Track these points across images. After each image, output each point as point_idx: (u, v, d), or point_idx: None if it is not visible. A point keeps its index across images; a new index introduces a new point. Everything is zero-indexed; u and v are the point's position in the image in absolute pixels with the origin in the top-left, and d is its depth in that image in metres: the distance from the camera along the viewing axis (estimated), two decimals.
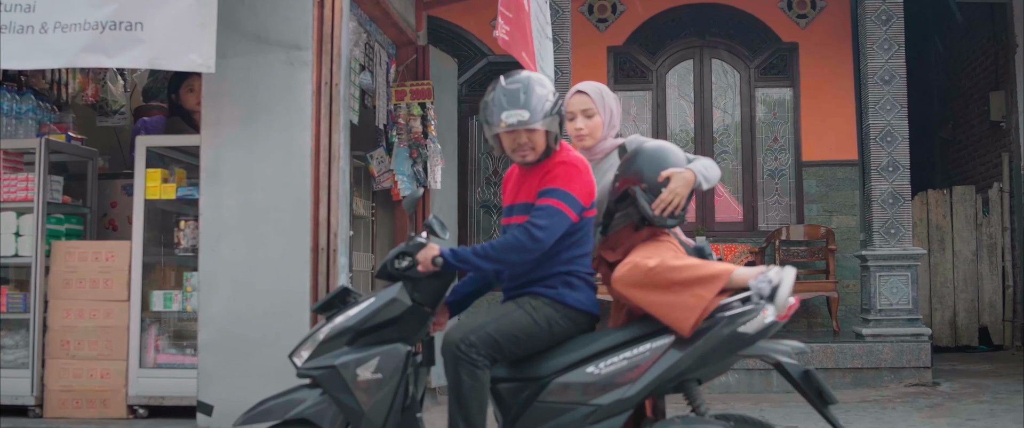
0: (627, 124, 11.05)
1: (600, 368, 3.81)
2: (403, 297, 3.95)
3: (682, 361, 3.76)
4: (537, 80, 4.05)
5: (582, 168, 3.99)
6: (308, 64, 5.70)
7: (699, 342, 3.75)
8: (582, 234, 4.01)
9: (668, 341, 3.78)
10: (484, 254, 3.86)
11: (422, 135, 7.79)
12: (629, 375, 3.78)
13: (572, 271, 3.98)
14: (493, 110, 3.99)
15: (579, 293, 3.98)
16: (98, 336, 6.25)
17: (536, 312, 3.89)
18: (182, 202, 6.37)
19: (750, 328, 3.74)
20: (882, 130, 8.62)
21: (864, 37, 8.78)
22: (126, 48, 5.05)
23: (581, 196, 3.93)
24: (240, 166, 5.76)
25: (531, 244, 3.81)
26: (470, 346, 3.79)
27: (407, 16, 7.86)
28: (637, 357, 3.79)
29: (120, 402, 6.22)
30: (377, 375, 3.86)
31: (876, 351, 8.35)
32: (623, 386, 3.77)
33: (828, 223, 10.58)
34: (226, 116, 5.81)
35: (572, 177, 3.93)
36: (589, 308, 4.00)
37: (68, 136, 6.96)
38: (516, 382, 3.91)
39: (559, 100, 4.07)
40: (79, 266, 6.32)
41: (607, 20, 11.08)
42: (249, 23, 5.79)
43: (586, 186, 3.97)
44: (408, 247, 3.99)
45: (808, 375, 3.83)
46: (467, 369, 3.78)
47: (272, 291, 5.64)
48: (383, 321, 3.92)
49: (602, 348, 3.88)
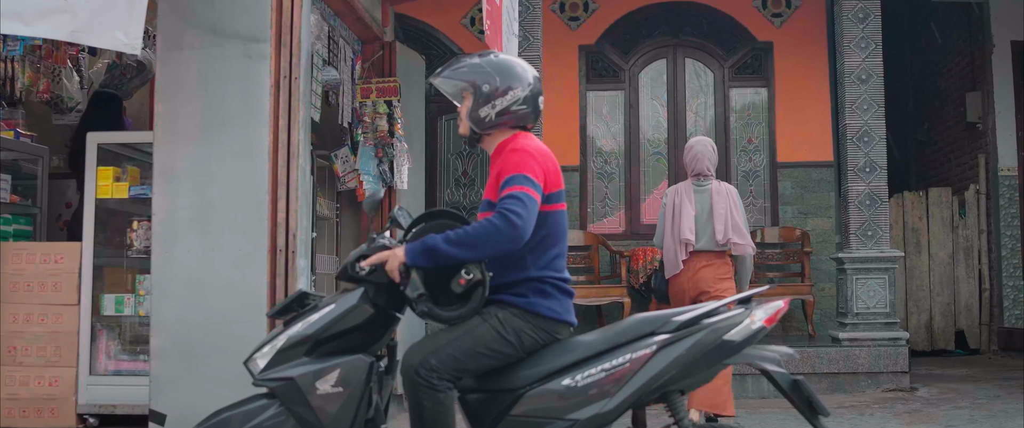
0: (600, 124, 10.89)
1: (577, 380, 3.56)
2: (365, 303, 3.72)
3: (665, 371, 3.54)
4: (483, 58, 3.88)
5: (535, 153, 3.74)
6: (266, 57, 5.45)
7: (683, 351, 3.54)
8: (552, 232, 3.75)
9: (650, 350, 3.56)
10: (459, 241, 3.53)
11: (388, 134, 7.59)
12: (608, 387, 3.53)
13: (544, 276, 3.72)
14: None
15: (552, 301, 3.71)
16: (46, 342, 6.00)
17: (504, 325, 3.63)
18: (136, 201, 6.14)
19: (737, 335, 3.55)
20: (859, 130, 8.48)
21: (841, 35, 8.64)
22: (46, 16, 4.67)
23: (540, 179, 3.68)
24: (194, 164, 5.51)
25: (509, 230, 3.51)
26: (430, 370, 3.54)
27: (373, 11, 7.65)
28: (616, 367, 3.55)
29: (70, 411, 5.98)
30: (338, 388, 3.63)
31: (853, 356, 8.20)
32: (602, 399, 3.53)
33: (803, 225, 10.45)
34: (180, 111, 5.55)
35: (524, 161, 3.68)
36: (563, 318, 3.74)
37: (17, 133, 6.70)
38: (486, 394, 3.66)
39: (499, 81, 3.81)
40: (27, 268, 6.07)
41: (579, 18, 10.90)
42: (204, 14, 5.54)
43: (543, 172, 3.71)
44: (369, 249, 3.77)
45: (797, 384, 3.61)
46: (428, 394, 3.54)
47: (228, 294, 5.39)
48: (344, 329, 3.69)
49: (579, 358, 3.62)
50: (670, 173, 10.81)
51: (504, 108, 3.80)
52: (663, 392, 3.61)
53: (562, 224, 3.83)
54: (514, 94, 3.81)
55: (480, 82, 3.80)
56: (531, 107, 3.87)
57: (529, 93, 3.86)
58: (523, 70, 3.89)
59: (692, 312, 3.66)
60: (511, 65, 3.89)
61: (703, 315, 3.62)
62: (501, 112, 3.81)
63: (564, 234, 3.84)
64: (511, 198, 3.57)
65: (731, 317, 3.58)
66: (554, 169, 3.79)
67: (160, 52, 5.61)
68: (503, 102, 3.80)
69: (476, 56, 3.90)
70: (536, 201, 3.61)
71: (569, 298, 3.81)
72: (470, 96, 3.83)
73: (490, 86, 3.79)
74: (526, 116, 3.87)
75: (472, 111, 3.82)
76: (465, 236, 3.54)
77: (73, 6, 4.64)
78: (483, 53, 3.94)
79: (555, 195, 3.78)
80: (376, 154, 7.58)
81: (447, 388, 3.56)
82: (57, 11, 4.65)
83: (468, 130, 3.89)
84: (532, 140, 3.84)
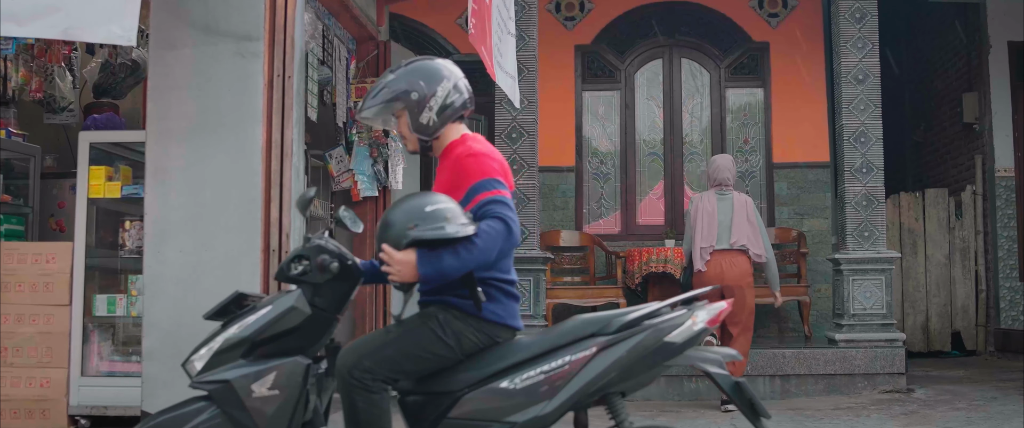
0: (595, 125, 10.85)
1: (515, 382, 3.50)
2: (301, 305, 3.68)
3: (604, 374, 3.49)
4: (397, 73, 3.82)
5: (488, 154, 3.69)
6: (259, 56, 5.43)
7: (623, 353, 3.48)
8: None
9: (589, 352, 3.50)
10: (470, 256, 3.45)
11: (383, 134, 7.55)
12: (546, 389, 3.48)
13: (488, 279, 3.65)
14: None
15: (496, 305, 3.65)
16: (38, 343, 5.94)
17: (444, 328, 3.57)
18: (128, 201, 6.09)
19: (678, 337, 3.51)
20: (856, 130, 8.45)
21: (838, 35, 8.61)
22: (39, 16, 4.63)
23: (507, 182, 3.67)
24: (187, 163, 5.48)
25: (510, 236, 3.49)
26: (365, 371, 3.49)
27: (368, 11, 7.62)
28: (555, 370, 3.50)
29: (61, 412, 5.92)
30: (274, 391, 3.60)
31: (849, 357, 8.16)
32: (540, 401, 3.47)
33: (799, 226, 10.41)
34: (173, 110, 5.53)
35: (486, 166, 3.63)
36: (506, 322, 3.67)
37: (8, 132, 6.65)
38: (425, 395, 3.60)
39: (424, 85, 3.75)
40: (18, 269, 6.01)
41: (575, 18, 10.86)
42: (197, 12, 5.51)
43: (500, 171, 3.67)
44: (304, 250, 3.73)
45: (739, 387, 3.55)
46: (362, 396, 3.48)
47: (220, 295, 5.25)
48: (281, 331, 3.65)
49: (518, 360, 3.56)
50: (666, 174, 10.77)
51: (441, 106, 3.77)
52: (604, 394, 3.57)
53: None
54: (443, 88, 3.78)
55: (407, 94, 3.75)
56: (464, 94, 3.86)
57: (455, 82, 3.83)
58: (441, 65, 3.87)
59: (634, 313, 3.61)
60: (426, 65, 3.85)
61: (645, 316, 3.57)
62: (440, 111, 3.77)
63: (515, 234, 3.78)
64: (498, 204, 3.53)
65: (673, 319, 3.54)
66: (504, 170, 3.75)
67: (152, 51, 5.58)
68: (437, 101, 3.76)
69: (389, 73, 3.84)
70: (512, 201, 3.61)
71: (515, 302, 3.76)
72: (404, 112, 3.78)
73: (419, 93, 3.75)
74: (463, 104, 3.86)
75: (413, 123, 3.78)
76: (475, 251, 3.46)
77: (66, 4, 4.60)
78: (392, 68, 3.88)
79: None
80: (371, 154, 7.55)
81: (382, 389, 3.51)
82: (51, 10, 4.61)
83: (417, 144, 3.84)
84: (482, 143, 3.79)
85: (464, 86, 3.88)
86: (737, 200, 7.81)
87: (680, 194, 10.65)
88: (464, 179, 3.62)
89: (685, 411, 7.59)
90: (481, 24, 5.83)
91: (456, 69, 3.90)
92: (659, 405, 7.86)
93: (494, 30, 6.17)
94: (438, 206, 3.49)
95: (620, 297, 9.44)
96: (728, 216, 7.71)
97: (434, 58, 3.94)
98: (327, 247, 3.75)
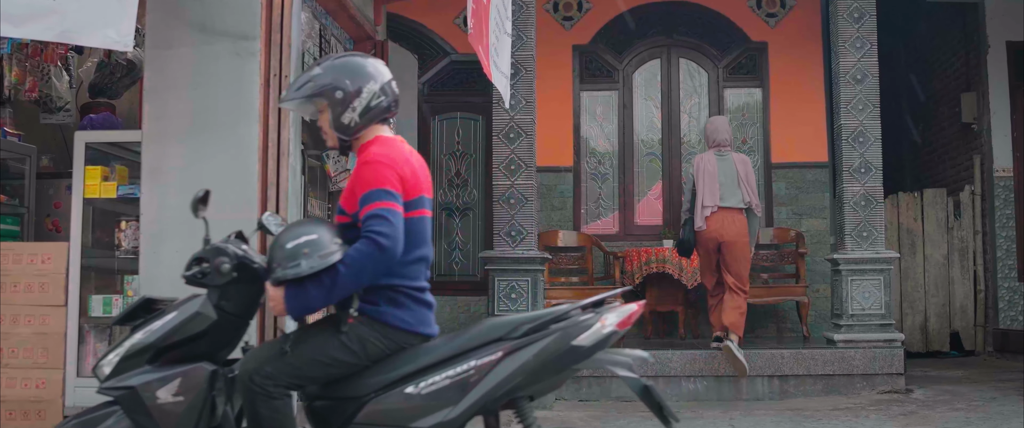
0: (593, 125, 10.83)
1: (420, 388, 3.48)
2: (206, 310, 3.66)
3: (510, 378, 3.46)
4: (325, 66, 3.78)
5: (391, 162, 3.62)
6: (256, 55, 5.40)
7: (529, 357, 3.46)
8: (409, 239, 3.62)
9: (495, 357, 3.48)
10: (336, 284, 3.44)
11: None
12: (451, 394, 3.46)
13: (398, 285, 3.61)
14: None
15: (404, 312, 3.61)
16: (33, 343, 5.89)
17: (349, 333, 3.53)
18: (124, 201, 6.05)
19: (586, 340, 3.49)
20: (854, 130, 8.43)
21: (836, 35, 8.59)
22: (35, 17, 4.61)
23: (398, 189, 3.58)
24: (183, 163, 5.45)
25: (379, 254, 3.43)
26: (266, 378, 3.46)
27: (365, 10, 7.59)
28: (460, 375, 3.48)
29: (57, 413, 5.87)
30: (179, 397, 3.57)
31: (848, 357, 8.13)
32: (445, 407, 3.45)
33: (797, 226, 10.39)
34: (169, 110, 5.50)
35: (378, 174, 3.57)
36: (414, 329, 3.63)
37: (3, 132, 6.62)
38: (332, 400, 3.57)
39: (350, 84, 3.72)
40: (13, 269, 5.96)
41: (573, 18, 10.84)
42: (194, 11, 5.48)
43: (400, 179, 3.61)
44: (203, 252, 3.72)
45: (647, 390, 3.53)
46: (264, 402, 3.46)
47: None
48: (187, 336, 3.63)
49: (424, 365, 3.54)
50: (664, 174, 10.75)
51: (364, 107, 3.73)
52: (511, 398, 3.54)
53: (423, 231, 3.73)
54: (369, 89, 3.74)
55: (332, 91, 3.71)
56: (389, 97, 3.81)
57: (382, 85, 3.79)
58: (371, 65, 3.83)
59: (542, 318, 3.58)
60: (356, 64, 3.81)
61: (553, 320, 3.55)
62: (363, 112, 3.73)
63: (424, 241, 3.74)
64: (373, 218, 3.48)
65: (580, 322, 3.51)
66: (412, 174, 3.69)
67: (149, 50, 5.56)
68: (361, 102, 3.72)
69: (317, 66, 3.80)
70: (398, 212, 3.53)
71: (426, 309, 3.71)
72: (327, 107, 3.74)
73: (343, 91, 3.71)
74: (387, 107, 3.81)
75: (334, 121, 3.75)
76: (341, 279, 3.44)
77: (63, 6, 4.58)
78: (321, 61, 3.84)
79: (416, 201, 3.69)
80: None
81: (284, 395, 3.48)
82: (48, 12, 4.59)
83: (337, 140, 3.80)
84: (390, 147, 3.72)
85: (391, 89, 3.82)
86: (736, 160, 8.37)
87: (678, 194, 10.62)
88: (358, 187, 3.58)
89: (684, 411, 7.55)
90: (479, 24, 5.82)
91: (385, 71, 3.85)
92: None
93: (492, 30, 6.15)
94: (298, 241, 3.49)
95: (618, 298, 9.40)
96: (728, 176, 8.26)
97: (366, 57, 3.89)
98: (225, 250, 3.71)
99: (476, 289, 10.31)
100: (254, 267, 3.73)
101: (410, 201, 3.64)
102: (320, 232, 3.53)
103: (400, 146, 3.77)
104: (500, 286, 8.12)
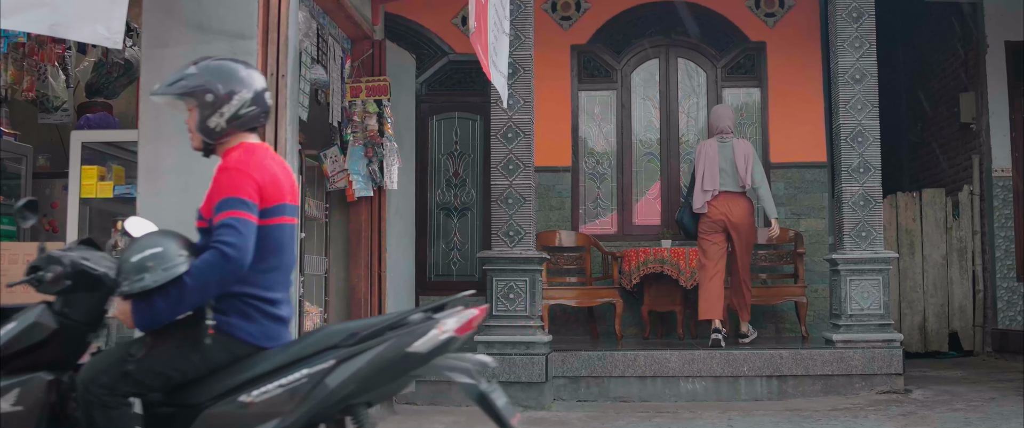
0: (592, 125, 10.82)
1: (254, 396, 3.44)
2: (45, 319, 3.59)
3: (344, 386, 3.44)
4: (200, 66, 3.74)
5: (249, 169, 3.59)
6: (253, 54, 5.36)
7: (363, 365, 3.44)
8: (265, 247, 3.59)
9: (328, 365, 3.45)
10: (182, 297, 3.41)
11: (378, 134, 7.51)
12: (285, 403, 3.43)
13: (251, 294, 3.57)
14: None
15: (253, 326, 3.57)
16: None
17: (191, 344, 3.49)
18: (120, 201, 6.03)
19: (422, 346, 3.46)
20: (853, 130, 8.41)
21: (834, 35, 8.57)
22: (23, 9, 4.52)
23: (254, 198, 3.54)
24: (180, 163, 5.40)
25: (225, 264, 3.40)
26: (101, 387, 3.42)
27: (363, 9, 7.57)
28: (294, 383, 3.45)
29: None
30: (17, 407, 3.50)
31: (847, 358, 8.12)
32: (278, 415, 3.42)
33: (796, 226, 10.37)
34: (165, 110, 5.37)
35: (235, 182, 3.53)
36: (259, 344, 3.58)
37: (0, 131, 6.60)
38: (172, 408, 3.53)
39: (222, 88, 3.67)
40: (10, 269, 5.93)
41: (571, 18, 10.82)
42: (190, 10, 5.45)
43: (258, 187, 3.56)
44: (38, 260, 3.64)
45: (483, 397, 3.48)
46: (100, 411, 3.42)
47: None
48: (27, 346, 3.56)
49: (261, 373, 3.50)
50: (662, 174, 10.74)
51: (233, 114, 3.69)
52: (348, 405, 3.52)
53: (281, 239, 3.68)
54: (240, 97, 3.70)
55: (202, 92, 3.67)
56: (260, 107, 3.77)
57: (255, 94, 3.74)
58: (245, 72, 3.78)
59: (378, 325, 3.56)
60: (232, 69, 3.76)
61: (389, 326, 3.53)
62: (231, 118, 3.69)
63: (282, 250, 3.69)
64: (223, 228, 3.45)
65: (416, 329, 3.49)
66: (272, 182, 3.63)
67: (145, 49, 5.53)
68: (230, 108, 3.68)
69: (192, 66, 3.75)
70: (250, 222, 3.49)
71: (277, 323, 3.66)
72: (195, 108, 3.70)
73: (214, 95, 3.66)
74: (256, 117, 3.77)
75: (200, 123, 3.70)
76: (188, 290, 3.41)
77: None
78: (198, 61, 3.79)
79: (275, 209, 3.63)
80: (366, 154, 7.50)
81: (121, 404, 3.44)
82: (37, 4, 4.51)
83: (201, 143, 3.77)
84: (252, 155, 3.68)
85: (263, 99, 3.78)
86: (737, 146, 8.77)
87: (677, 194, 10.61)
88: (215, 193, 3.55)
89: (682, 412, 7.55)
90: (479, 23, 5.80)
91: (259, 80, 3.81)
92: (656, 407, 7.83)
93: (490, 29, 6.13)
94: (144, 254, 3.47)
95: (616, 298, 9.41)
96: (729, 161, 8.67)
97: (241, 63, 3.84)
98: (60, 259, 3.63)
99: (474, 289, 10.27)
100: (95, 275, 3.66)
101: (268, 209, 3.59)
102: (166, 244, 3.51)
103: (262, 154, 3.72)
104: (498, 286, 8.11)
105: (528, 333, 7.98)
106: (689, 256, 9.42)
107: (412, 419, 7.29)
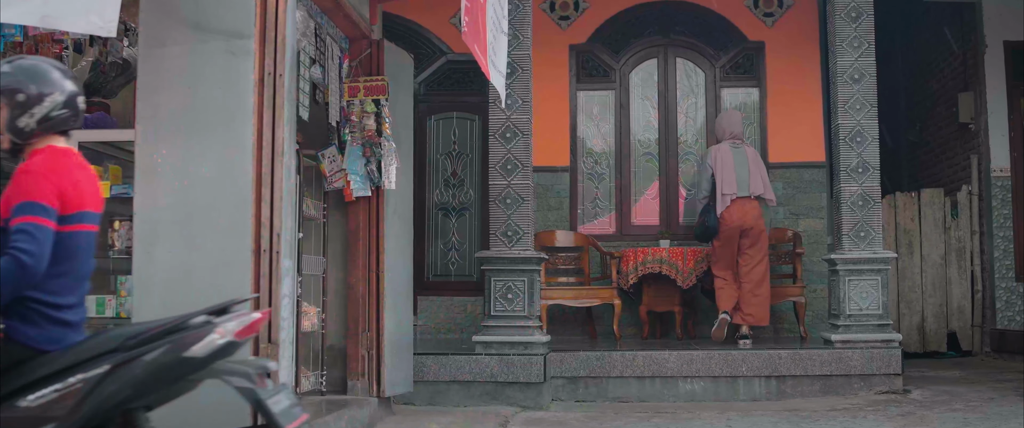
0: (590, 125, 10.81)
1: (29, 401, 3.37)
2: None
3: (119, 391, 3.38)
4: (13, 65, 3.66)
5: (50, 173, 3.52)
6: (250, 53, 5.33)
7: (138, 370, 3.39)
8: (58, 254, 3.51)
9: (102, 370, 3.39)
10: None
11: (376, 133, 7.48)
12: (60, 408, 3.36)
13: (37, 299, 3.49)
14: None
15: (32, 329, 3.49)
16: None
17: None
18: (117, 201, 6.01)
19: (200, 351, 3.41)
20: (851, 130, 8.40)
21: (833, 34, 8.56)
22: (15, 2, 4.49)
23: (53, 203, 3.47)
24: (176, 162, 5.38)
25: (19, 271, 3.33)
26: None
27: (361, 9, 7.55)
28: (69, 387, 3.38)
29: None
30: None
31: (845, 358, 8.11)
32: (56, 419, 3.35)
33: (795, 226, 10.37)
34: (162, 109, 5.43)
35: (34, 186, 3.46)
36: (41, 347, 3.50)
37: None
38: None
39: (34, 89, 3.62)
40: None
41: (569, 17, 10.81)
42: (187, 9, 5.42)
43: (58, 193, 3.50)
44: None
45: (261, 403, 3.44)
46: None
47: (210, 296, 5.16)
48: None
49: (38, 377, 3.43)
50: (661, 174, 10.72)
51: (44, 115, 3.63)
52: (126, 408, 3.47)
53: (77, 246, 3.62)
54: (52, 99, 3.64)
55: (14, 92, 3.60)
56: (72, 110, 3.71)
57: (67, 97, 3.69)
58: (59, 74, 3.73)
59: (158, 328, 3.51)
60: (45, 70, 3.71)
61: (168, 330, 3.48)
62: (41, 120, 3.63)
63: (76, 255, 3.63)
64: (19, 233, 3.39)
65: (193, 334, 3.44)
66: (73, 188, 3.58)
67: (142, 48, 5.50)
68: (41, 110, 3.62)
69: (6, 64, 3.68)
70: (47, 228, 3.43)
71: (60, 327, 3.58)
72: (5, 107, 3.62)
73: (26, 95, 3.60)
74: (67, 120, 3.71)
75: (10, 123, 3.62)
76: None
77: None
78: (10, 60, 3.72)
79: (74, 216, 3.57)
80: (364, 153, 7.48)
81: None
82: None
83: (9, 143, 3.68)
84: (57, 159, 3.62)
85: (75, 103, 3.73)
86: (749, 152, 9.17)
87: (675, 194, 10.61)
88: (13, 196, 3.47)
89: (680, 412, 7.54)
90: (474, 23, 5.77)
91: (72, 84, 3.75)
92: (654, 407, 7.82)
93: (489, 29, 6.11)
94: None
95: (615, 298, 9.40)
96: (745, 167, 9.00)
97: (55, 65, 3.79)
98: None
99: (473, 290, 10.27)
100: None
101: (68, 215, 3.54)
102: None
103: (67, 159, 3.67)
104: (496, 286, 8.09)
105: (526, 333, 7.98)
106: (687, 256, 9.42)
107: (410, 419, 7.28)
